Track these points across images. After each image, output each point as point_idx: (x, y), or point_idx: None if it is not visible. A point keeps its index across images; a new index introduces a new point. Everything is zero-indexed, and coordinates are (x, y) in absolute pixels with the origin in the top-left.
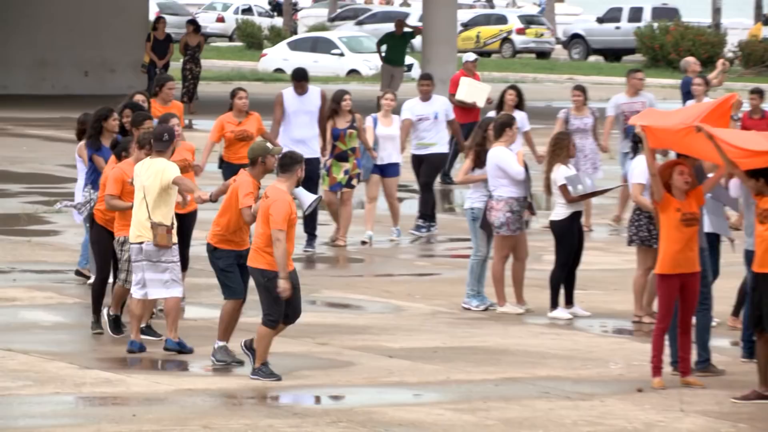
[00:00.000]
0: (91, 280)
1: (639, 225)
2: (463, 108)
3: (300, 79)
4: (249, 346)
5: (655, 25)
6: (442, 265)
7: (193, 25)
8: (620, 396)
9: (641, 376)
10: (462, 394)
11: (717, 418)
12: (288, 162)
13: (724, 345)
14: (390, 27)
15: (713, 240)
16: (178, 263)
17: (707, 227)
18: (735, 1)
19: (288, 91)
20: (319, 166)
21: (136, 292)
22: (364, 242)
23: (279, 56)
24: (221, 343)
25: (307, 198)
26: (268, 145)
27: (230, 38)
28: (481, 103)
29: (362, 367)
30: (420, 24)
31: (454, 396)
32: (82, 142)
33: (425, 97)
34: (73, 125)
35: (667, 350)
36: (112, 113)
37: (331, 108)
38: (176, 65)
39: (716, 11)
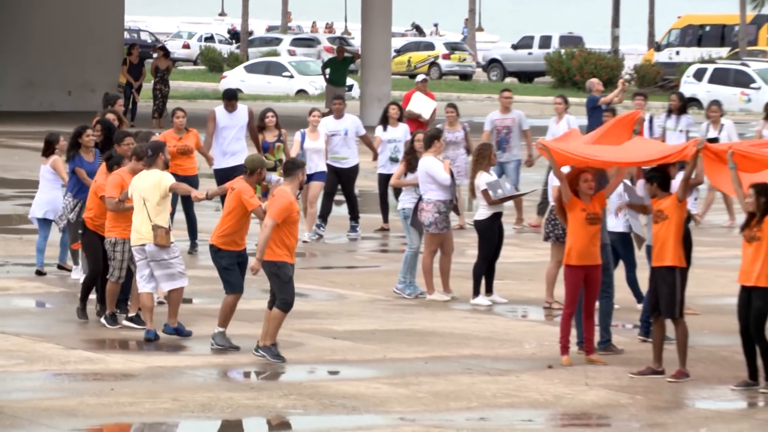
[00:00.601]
0: (73, 274)
1: (555, 223)
2: (412, 120)
3: (230, 98)
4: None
5: (563, 51)
6: (379, 259)
7: (163, 50)
8: (533, 372)
9: (551, 355)
10: (396, 371)
11: (617, 390)
12: (291, 167)
13: (625, 327)
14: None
15: (629, 237)
16: (180, 257)
17: (623, 226)
18: (631, 29)
19: (220, 109)
20: None
21: (144, 287)
22: (305, 241)
23: (237, 78)
24: (220, 329)
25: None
26: (264, 159)
27: (195, 62)
28: (426, 116)
29: (310, 347)
30: (359, 50)
31: (390, 372)
32: (54, 158)
33: (338, 115)
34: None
35: (573, 332)
36: (86, 130)
37: (258, 125)
38: (148, 86)
39: (615, 39)
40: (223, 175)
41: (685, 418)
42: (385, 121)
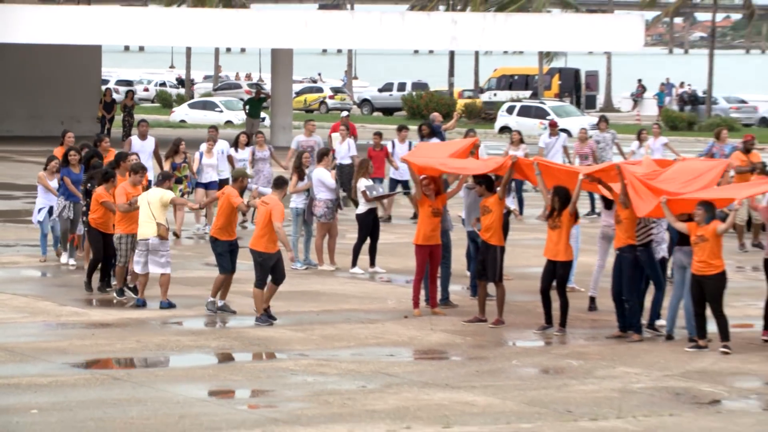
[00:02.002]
0: (62, 258)
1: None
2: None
3: (145, 127)
4: (223, 308)
5: (414, 93)
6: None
7: (131, 93)
8: (394, 321)
9: (407, 308)
10: (296, 320)
11: (453, 333)
12: (280, 182)
13: (458, 289)
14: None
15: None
16: (169, 251)
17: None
18: (462, 78)
19: (135, 137)
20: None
21: (141, 269)
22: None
23: (182, 113)
24: (212, 299)
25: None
26: (245, 170)
27: (152, 101)
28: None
29: (235, 304)
30: (269, 92)
31: (291, 321)
32: (39, 174)
33: (260, 145)
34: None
35: (422, 292)
36: (71, 151)
37: (172, 149)
38: (118, 118)
39: (450, 84)
40: None
41: (501, 353)
42: (236, 144)
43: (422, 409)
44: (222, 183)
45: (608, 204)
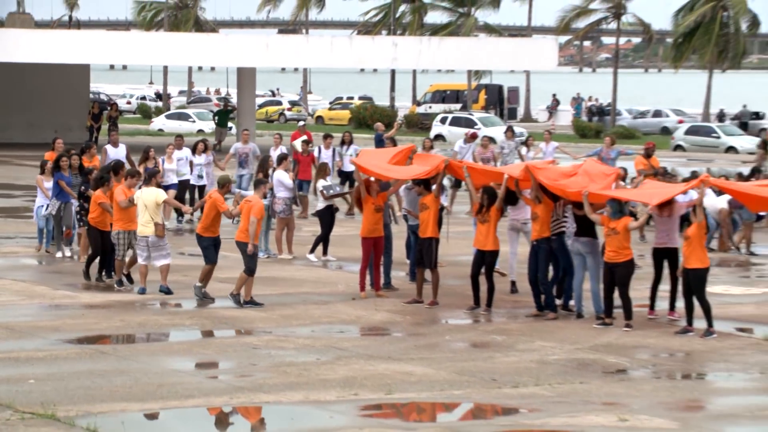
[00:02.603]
0: (58, 254)
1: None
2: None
3: (116, 137)
4: (203, 294)
5: (361, 105)
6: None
7: (116, 105)
8: (343, 302)
9: (354, 291)
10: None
11: (394, 313)
12: (259, 183)
13: (400, 274)
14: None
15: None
16: (168, 244)
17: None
18: (402, 93)
19: (109, 146)
20: None
21: (143, 261)
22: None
23: (160, 123)
24: (199, 284)
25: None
26: (229, 177)
27: (134, 113)
28: (299, 148)
29: (207, 288)
30: (236, 104)
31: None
32: (36, 177)
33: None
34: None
35: (367, 278)
36: (62, 158)
37: (143, 156)
38: (104, 127)
39: (392, 98)
40: None
41: (436, 330)
42: (194, 150)
43: (368, 378)
44: (181, 184)
45: (513, 200)
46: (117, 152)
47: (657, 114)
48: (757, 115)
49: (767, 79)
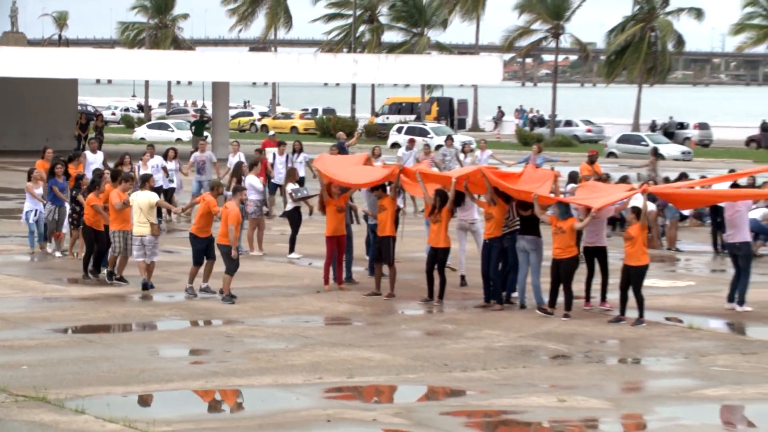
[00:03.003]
0: (49, 249)
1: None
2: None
3: (95, 144)
4: (206, 289)
5: (324, 116)
6: None
7: (102, 116)
8: (309, 294)
9: (319, 285)
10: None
11: (355, 305)
12: (237, 189)
13: (360, 269)
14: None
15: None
16: (158, 243)
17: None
18: (361, 105)
19: (88, 152)
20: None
21: (141, 258)
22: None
23: (142, 132)
24: (189, 285)
25: None
26: (219, 181)
27: (118, 123)
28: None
29: (182, 282)
30: (211, 115)
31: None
32: (27, 184)
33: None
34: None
35: (331, 272)
36: (56, 165)
37: (118, 162)
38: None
39: (353, 110)
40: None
41: (392, 319)
42: (165, 156)
43: (331, 364)
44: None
45: (461, 202)
46: (95, 158)
47: (568, 123)
48: (682, 125)
49: (691, 93)
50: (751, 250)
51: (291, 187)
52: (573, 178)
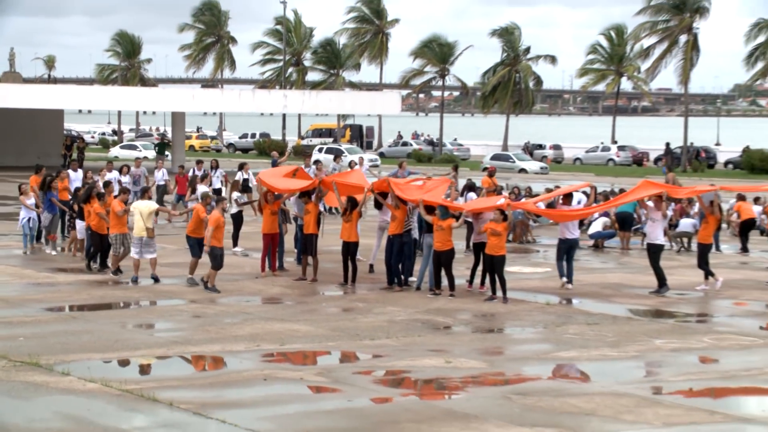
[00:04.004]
0: (48, 250)
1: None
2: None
3: (78, 164)
4: (202, 280)
5: (261, 139)
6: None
7: (83, 138)
8: (249, 280)
9: (257, 272)
10: (193, 282)
11: (286, 287)
12: (219, 199)
13: (290, 260)
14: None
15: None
16: (156, 243)
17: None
18: (290, 129)
19: (70, 171)
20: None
21: (137, 255)
22: None
23: (116, 151)
24: (189, 276)
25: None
26: (209, 193)
27: (96, 144)
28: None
29: (149, 271)
30: (171, 139)
31: (185, 282)
32: (21, 197)
33: (108, 170)
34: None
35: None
36: (53, 180)
37: (83, 175)
38: (74, 156)
39: (283, 134)
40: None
41: (316, 299)
42: (120, 171)
43: (267, 334)
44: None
45: (378, 205)
46: (76, 175)
47: (432, 144)
48: (540, 146)
49: (547, 121)
50: (577, 243)
51: (236, 194)
52: (470, 186)
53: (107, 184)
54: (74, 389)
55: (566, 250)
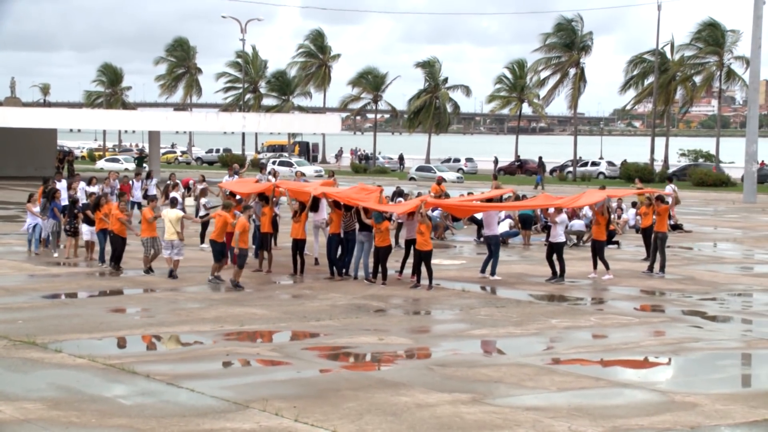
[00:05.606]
0: (55, 254)
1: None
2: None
3: (71, 174)
4: (215, 276)
5: (224, 153)
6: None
7: (73, 153)
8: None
9: (229, 269)
10: (163, 272)
11: (246, 278)
12: (227, 205)
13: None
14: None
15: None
16: (183, 247)
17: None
18: (250, 144)
19: (58, 182)
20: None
21: (169, 255)
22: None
23: (101, 164)
24: (211, 277)
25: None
26: (230, 202)
27: (84, 158)
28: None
29: (131, 265)
30: (148, 154)
31: (162, 273)
32: (28, 203)
33: (77, 181)
34: (31, 190)
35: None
36: (57, 192)
37: (69, 183)
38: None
39: (243, 150)
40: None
41: (270, 287)
42: (88, 183)
43: (229, 317)
44: (74, 205)
45: (315, 207)
46: (61, 185)
47: (367, 158)
48: (457, 160)
49: (462, 139)
50: (498, 240)
51: (203, 200)
52: (399, 193)
53: (174, 201)
54: (65, 364)
55: (490, 245)
